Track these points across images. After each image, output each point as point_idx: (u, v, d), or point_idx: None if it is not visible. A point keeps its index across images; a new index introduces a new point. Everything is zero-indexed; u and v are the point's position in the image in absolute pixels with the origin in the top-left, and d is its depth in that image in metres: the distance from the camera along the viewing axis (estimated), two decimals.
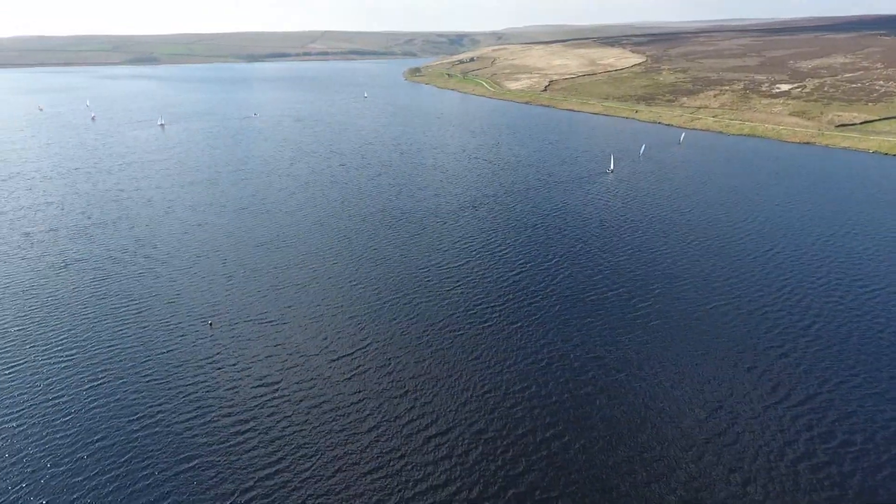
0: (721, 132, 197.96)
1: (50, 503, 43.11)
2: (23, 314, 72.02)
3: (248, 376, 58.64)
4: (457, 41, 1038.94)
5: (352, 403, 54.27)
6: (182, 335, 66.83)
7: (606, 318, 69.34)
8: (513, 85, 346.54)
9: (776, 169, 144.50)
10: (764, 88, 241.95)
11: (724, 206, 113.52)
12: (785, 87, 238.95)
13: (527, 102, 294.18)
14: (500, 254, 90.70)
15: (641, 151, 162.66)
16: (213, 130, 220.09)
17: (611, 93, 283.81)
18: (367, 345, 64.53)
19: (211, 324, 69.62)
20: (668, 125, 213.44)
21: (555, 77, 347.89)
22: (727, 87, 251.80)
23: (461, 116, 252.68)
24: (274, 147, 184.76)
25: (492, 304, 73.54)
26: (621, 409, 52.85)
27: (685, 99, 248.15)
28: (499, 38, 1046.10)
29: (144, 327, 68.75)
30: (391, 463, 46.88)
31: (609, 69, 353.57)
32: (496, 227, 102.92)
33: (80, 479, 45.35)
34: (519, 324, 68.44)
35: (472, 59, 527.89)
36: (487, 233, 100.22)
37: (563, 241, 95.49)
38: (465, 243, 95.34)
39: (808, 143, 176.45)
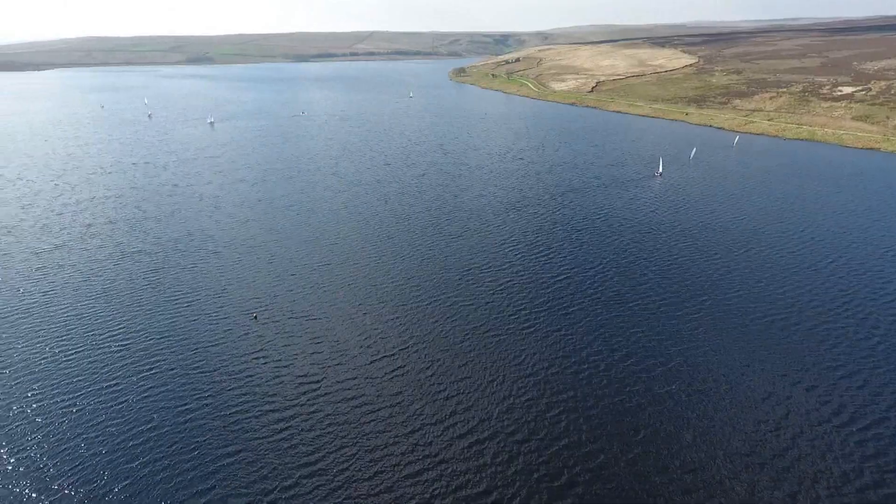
0: (777, 136, 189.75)
1: (103, 486, 44.66)
2: (83, 302, 75.25)
3: (291, 371, 59.44)
4: (502, 41, 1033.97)
5: (392, 404, 54.21)
6: (228, 328, 68.39)
7: (654, 328, 67.16)
8: (558, 86, 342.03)
9: (837, 176, 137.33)
10: (825, 91, 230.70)
11: (781, 213, 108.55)
12: (848, 90, 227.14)
13: (572, 104, 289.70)
14: (544, 257, 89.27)
15: (691, 155, 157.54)
16: (261, 128, 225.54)
17: (660, 94, 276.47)
18: (409, 345, 64.46)
19: (255, 316, 71.11)
20: (720, 128, 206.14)
21: (602, 78, 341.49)
22: (784, 90, 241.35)
23: (505, 117, 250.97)
24: (320, 145, 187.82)
25: (535, 309, 72.35)
26: (670, 424, 50.96)
27: (738, 101, 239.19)
28: (545, 38, 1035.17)
29: (194, 319, 70.73)
30: (431, 467, 46.53)
31: (659, 70, 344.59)
32: (540, 230, 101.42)
33: (132, 464, 46.83)
34: (563, 330, 67.05)
35: (517, 60, 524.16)
36: (531, 236, 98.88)
37: (609, 247, 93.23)
38: (508, 246, 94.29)
39: (872, 148, 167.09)
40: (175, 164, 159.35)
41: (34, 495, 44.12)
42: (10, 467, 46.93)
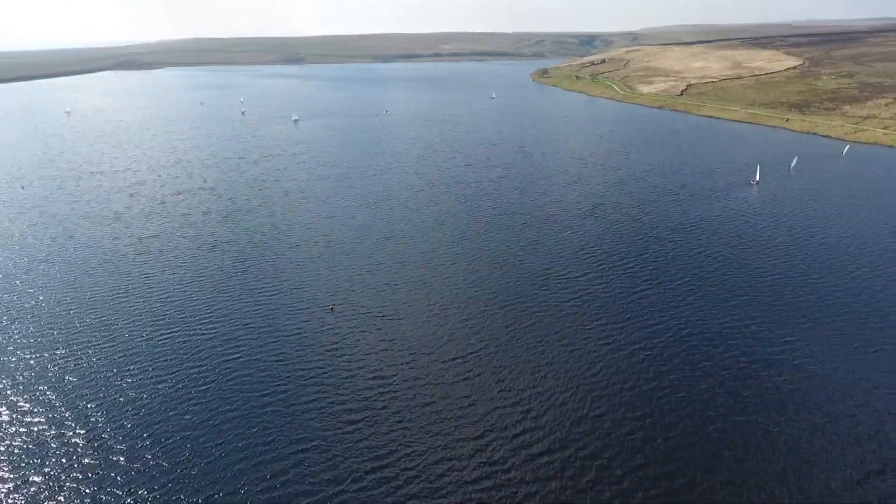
0: (893, 147, 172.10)
1: (187, 461, 47.42)
2: (177, 288, 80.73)
3: (364, 368, 60.56)
4: (588, 42, 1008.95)
5: (461, 408, 53.88)
6: (307, 320, 70.82)
7: (744, 350, 62.59)
8: (645, 88, 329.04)
9: None
10: None
11: None
12: None
13: (660, 107, 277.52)
14: (624, 268, 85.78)
15: (792, 164, 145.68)
16: (345, 127, 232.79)
17: (757, 98, 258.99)
18: (480, 349, 63.89)
19: (332, 308, 73.27)
20: (826, 136, 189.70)
21: (693, 80, 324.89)
22: None
23: (588, 120, 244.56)
24: (402, 145, 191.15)
25: (612, 321, 69.57)
26: (758, 455, 47.17)
27: (848, 107, 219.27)
28: (634, 38, 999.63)
29: (275, 309, 73.88)
30: (497, 475, 45.73)
31: (757, 73, 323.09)
32: (620, 239, 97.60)
33: (214, 444, 49.42)
34: (642, 346, 63.99)
35: (602, 61, 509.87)
36: (611, 245, 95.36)
37: (696, 259, 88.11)
38: (587, 254, 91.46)
39: None
40: (265, 160, 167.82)
41: (126, 463, 47.55)
42: (105, 435, 50.89)
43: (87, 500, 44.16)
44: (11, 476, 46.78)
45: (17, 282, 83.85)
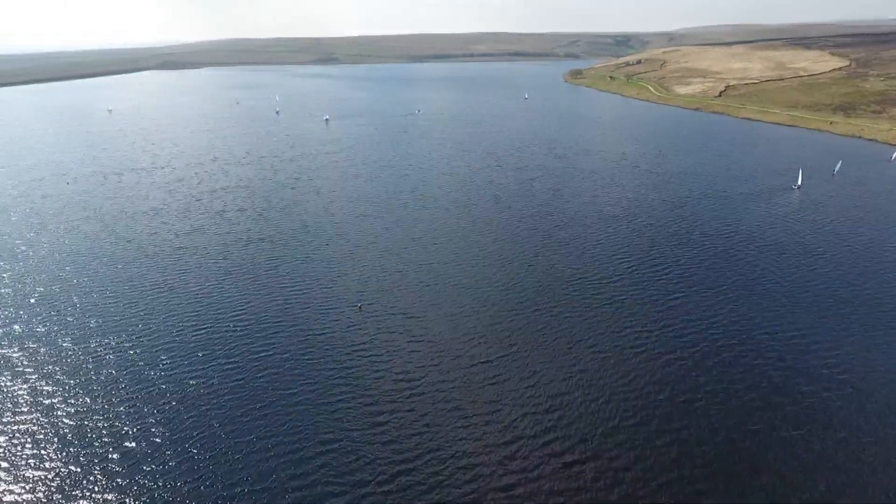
0: None
1: (219, 453, 47.99)
2: (212, 283, 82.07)
3: (391, 369, 60.38)
4: (623, 42, 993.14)
5: (489, 412, 53.19)
6: (335, 319, 71.09)
7: (787, 363, 60.17)
8: (682, 89, 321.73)
9: None
10: None
11: None
12: None
13: (696, 109, 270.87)
14: (659, 273, 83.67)
15: (836, 169, 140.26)
16: (377, 126, 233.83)
17: (800, 100, 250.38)
18: (510, 353, 63.06)
19: (360, 307, 73.43)
20: (872, 140, 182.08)
21: (732, 82, 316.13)
22: None
23: (622, 121, 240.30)
24: (434, 145, 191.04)
25: (647, 328, 67.83)
26: (800, 473, 45.15)
27: None
28: (671, 38, 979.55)
29: (305, 306, 74.41)
30: (525, 483, 44.92)
31: (801, 74, 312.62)
32: (654, 244, 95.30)
33: (244, 438, 49.92)
34: (676, 354, 62.16)
35: (638, 62, 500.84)
36: (645, 248, 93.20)
37: (734, 266, 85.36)
38: (620, 258, 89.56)
39: None
40: (299, 159, 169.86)
41: (156, 455, 48.38)
42: (138, 427, 51.91)
43: (119, 490, 45.05)
44: (51, 464, 48.10)
45: (61, 274, 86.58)
